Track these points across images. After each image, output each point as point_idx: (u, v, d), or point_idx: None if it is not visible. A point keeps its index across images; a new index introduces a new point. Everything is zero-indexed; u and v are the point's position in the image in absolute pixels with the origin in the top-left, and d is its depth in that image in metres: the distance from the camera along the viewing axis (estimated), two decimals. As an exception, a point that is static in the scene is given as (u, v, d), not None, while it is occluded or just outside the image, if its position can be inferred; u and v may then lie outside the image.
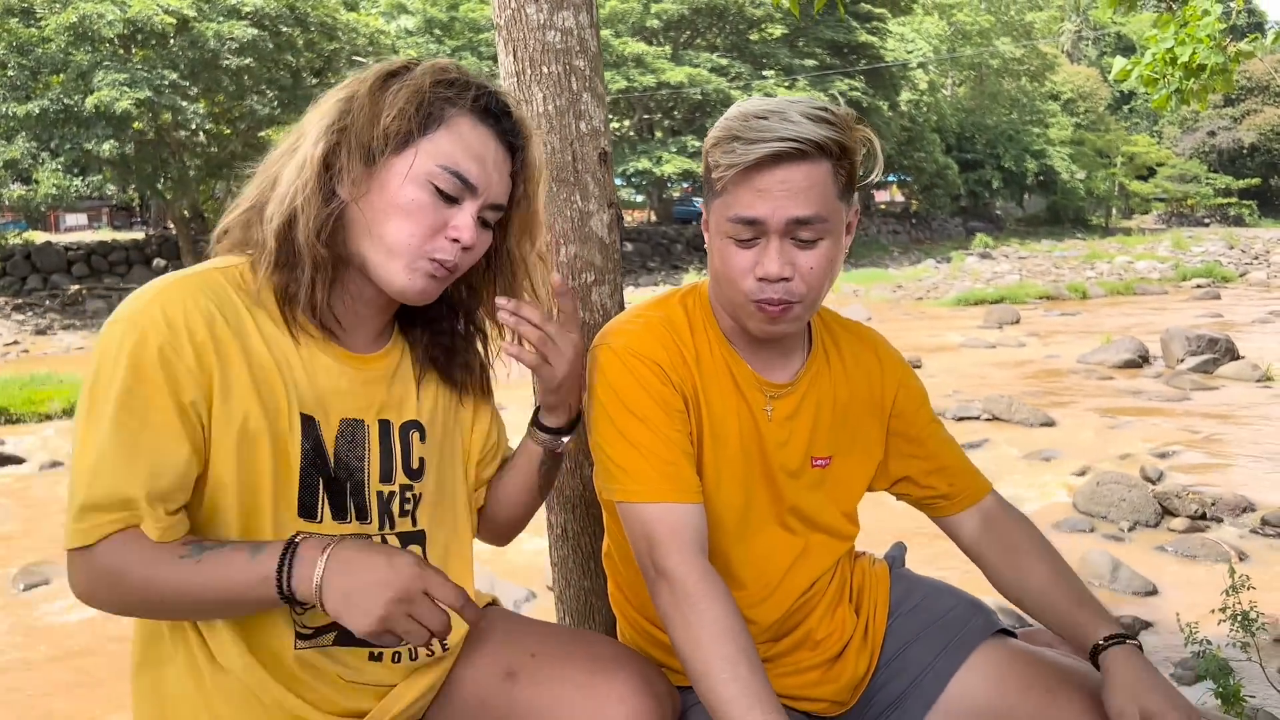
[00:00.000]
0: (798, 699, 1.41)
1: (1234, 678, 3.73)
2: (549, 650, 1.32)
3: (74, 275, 22.36)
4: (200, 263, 1.20)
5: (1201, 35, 5.75)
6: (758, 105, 1.26)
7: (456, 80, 1.19)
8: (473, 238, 1.18)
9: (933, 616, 1.47)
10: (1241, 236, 39.79)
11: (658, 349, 1.33)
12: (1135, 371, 11.98)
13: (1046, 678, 1.34)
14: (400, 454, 1.27)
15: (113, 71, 19.41)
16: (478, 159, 1.18)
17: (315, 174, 1.14)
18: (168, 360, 1.08)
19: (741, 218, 1.24)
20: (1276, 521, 6.24)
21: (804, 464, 1.41)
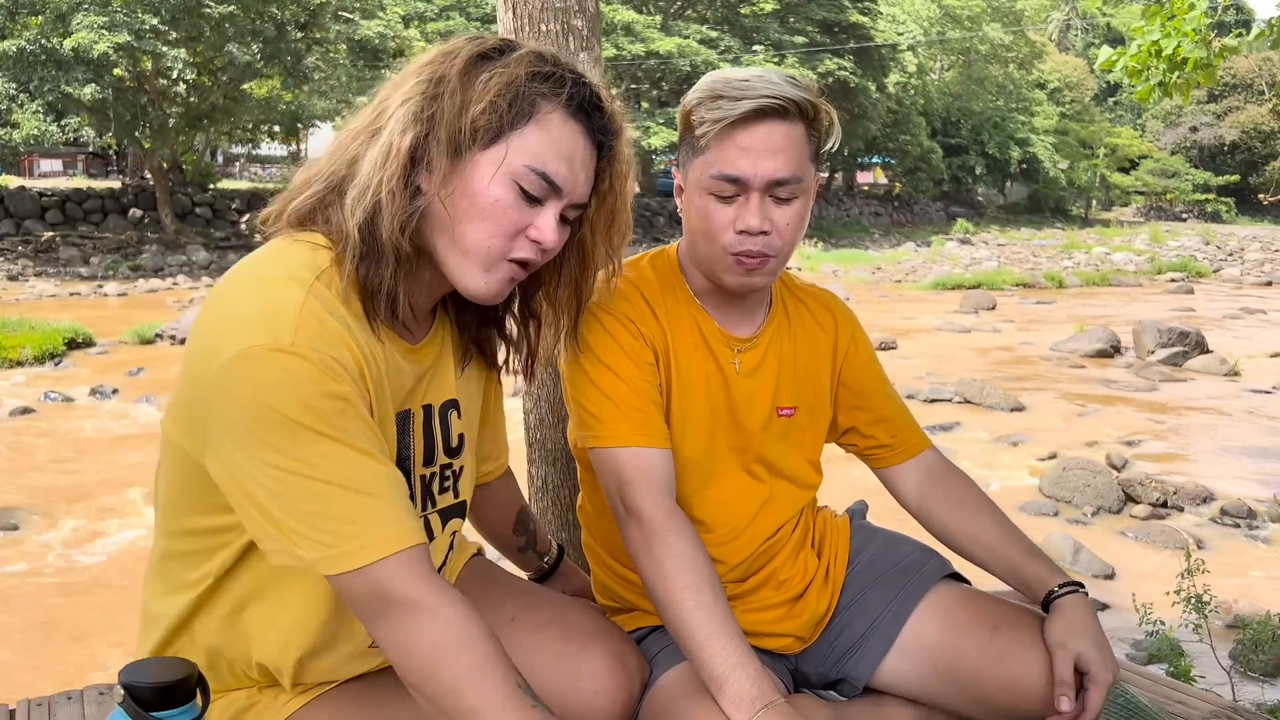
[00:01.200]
0: (762, 635, 1.47)
1: (1185, 659, 3.85)
2: (528, 617, 1.34)
3: (48, 222, 22.02)
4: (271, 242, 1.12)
5: (1187, 29, 5.79)
6: (736, 71, 1.34)
7: (554, 73, 1.11)
8: (555, 241, 1.12)
9: (890, 562, 1.53)
10: (1218, 233, 40.24)
11: (628, 307, 1.39)
12: (1106, 361, 12.15)
13: (993, 616, 1.41)
14: (440, 436, 1.25)
15: (92, 14, 19.04)
16: (566, 159, 1.11)
17: (402, 166, 1.05)
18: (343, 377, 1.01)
19: (725, 175, 1.30)
20: (1235, 512, 6.38)
21: (770, 414, 1.48)
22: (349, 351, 1.03)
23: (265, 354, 0.96)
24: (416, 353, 1.18)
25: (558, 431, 1.80)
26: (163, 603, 1.17)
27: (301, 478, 0.97)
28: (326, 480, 0.98)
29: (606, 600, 1.55)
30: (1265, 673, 4.21)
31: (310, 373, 0.97)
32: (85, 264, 20.28)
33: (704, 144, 1.32)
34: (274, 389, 0.96)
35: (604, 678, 1.29)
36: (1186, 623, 3.77)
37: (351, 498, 0.99)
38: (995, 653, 1.37)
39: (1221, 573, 4.97)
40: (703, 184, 1.33)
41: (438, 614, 0.99)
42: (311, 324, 1.00)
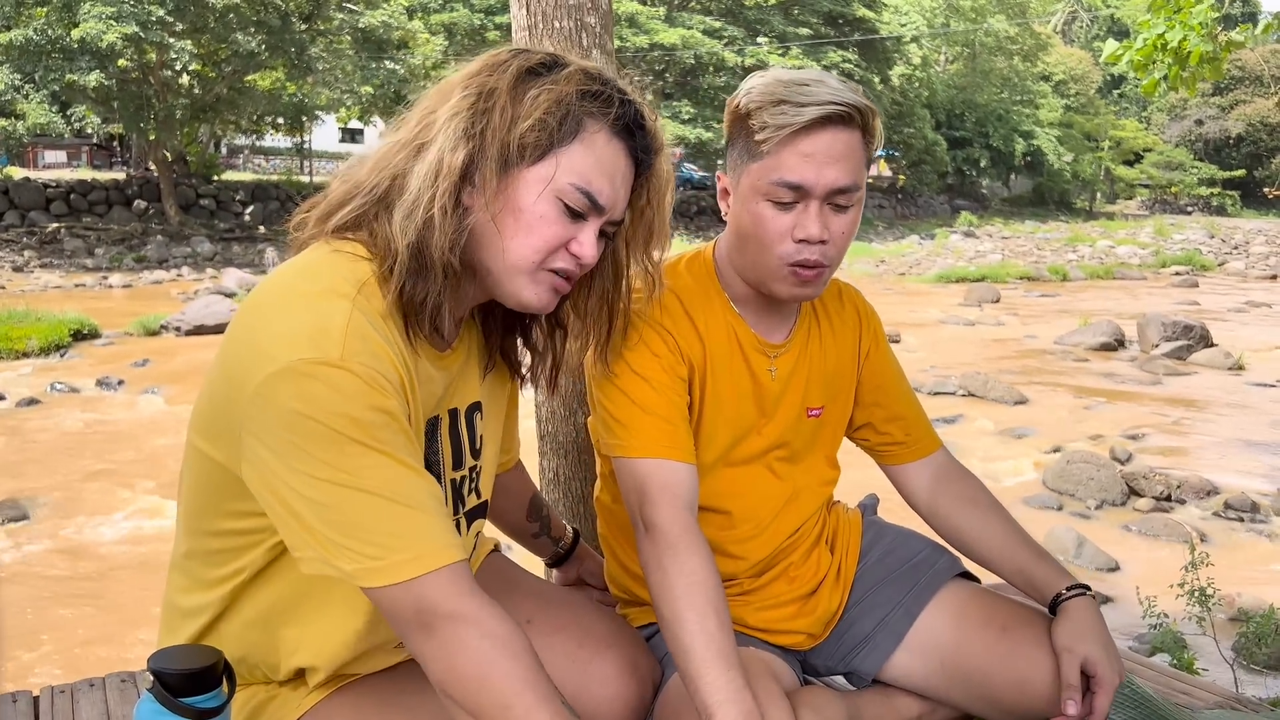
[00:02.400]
0: (774, 632, 1.49)
1: (1188, 651, 3.87)
2: (544, 619, 1.35)
3: (52, 213, 22.04)
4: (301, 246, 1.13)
5: (1194, 23, 5.79)
6: (793, 73, 1.31)
7: (602, 92, 1.12)
8: (594, 256, 1.14)
9: (901, 559, 1.55)
10: (1223, 226, 40.14)
11: (668, 319, 1.37)
12: (1110, 354, 12.14)
13: (1003, 616, 1.43)
14: (467, 438, 1.26)
15: (99, 4, 19.03)
16: (609, 177, 1.12)
17: (453, 184, 1.06)
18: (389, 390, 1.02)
19: (787, 182, 1.28)
20: (1238, 505, 6.39)
21: (800, 415, 1.48)
22: (392, 365, 1.03)
23: (313, 368, 0.97)
24: (445, 359, 1.19)
25: (569, 424, 1.82)
26: (186, 598, 1.18)
27: (346, 489, 0.97)
28: (372, 492, 0.98)
29: (618, 592, 1.57)
30: (1268, 665, 4.22)
31: (358, 387, 0.98)
32: (90, 255, 20.30)
33: (765, 149, 1.29)
34: (322, 402, 0.96)
35: (616, 684, 1.31)
36: (1190, 616, 3.79)
37: (397, 510, 0.99)
38: (1004, 652, 1.39)
39: (1225, 566, 4.98)
40: (760, 189, 1.30)
41: (483, 626, 1.00)
42: (357, 339, 1.00)
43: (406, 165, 1.08)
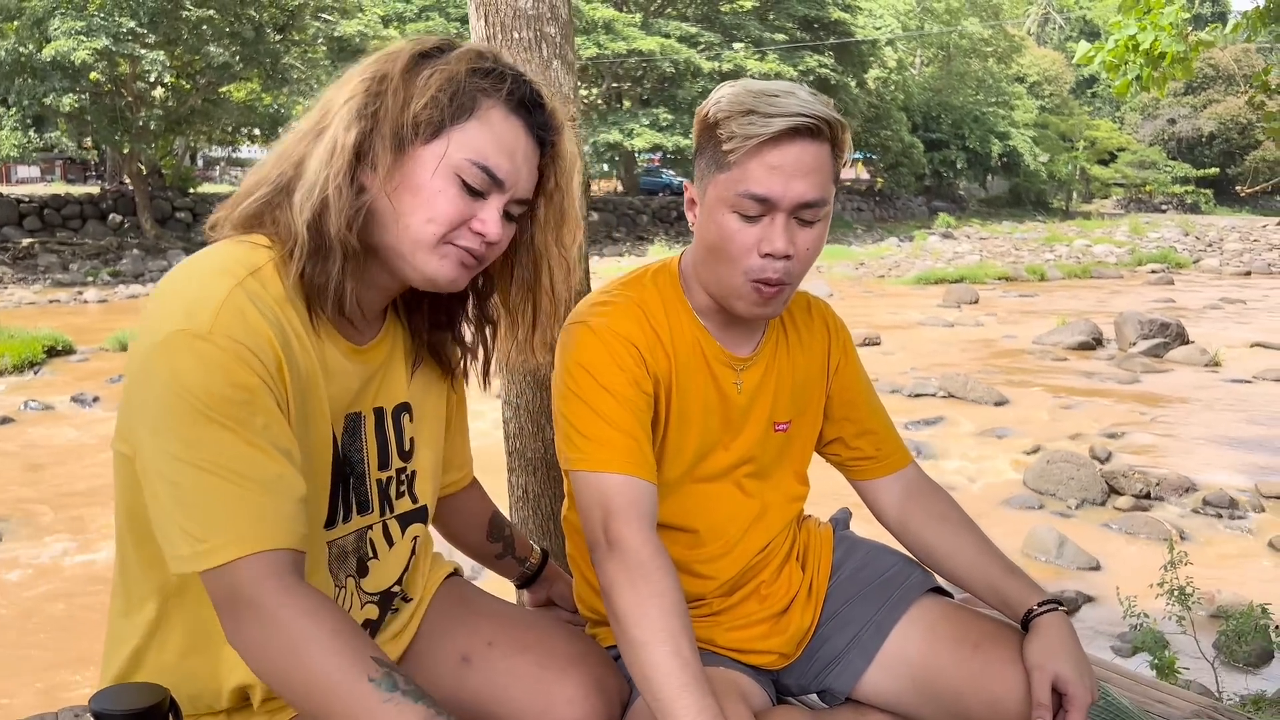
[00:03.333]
0: (746, 652, 1.46)
1: (1169, 650, 3.87)
2: (506, 640, 1.33)
3: (26, 229, 21.80)
4: (211, 244, 1.12)
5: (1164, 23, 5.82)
6: (764, 84, 1.29)
7: (493, 69, 1.13)
8: (498, 233, 1.13)
9: (873, 574, 1.52)
10: (1197, 224, 40.51)
11: (636, 331, 1.35)
12: (1088, 353, 12.22)
13: (975, 633, 1.40)
14: (394, 439, 1.26)
15: (69, 19, 18.86)
16: (508, 153, 1.13)
17: (347, 162, 1.07)
18: (257, 370, 1.01)
19: (753, 194, 1.25)
20: (1217, 502, 6.43)
21: (767, 430, 1.46)
22: (268, 345, 1.03)
23: (183, 340, 0.98)
24: (364, 354, 1.19)
25: (537, 440, 1.79)
26: (124, 623, 1.16)
27: (194, 468, 0.97)
28: (213, 472, 0.97)
29: (587, 613, 1.54)
30: (1249, 663, 4.24)
31: (221, 360, 0.98)
32: (64, 270, 20.09)
33: (731, 160, 1.26)
34: (186, 376, 0.97)
35: (582, 705, 1.28)
36: (1170, 614, 3.80)
37: (230, 490, 0.97)
38: (975, 670, 1.36)
39: (1204, 563, 5.01)
40: (726, 201, 1.28)
41: (285, 614, 0.97)
42: (233, 313, 1.01)
43: (306, 150, 1.10)
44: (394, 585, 1.28)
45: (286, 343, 1.06)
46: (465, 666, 1.32)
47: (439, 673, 1.33)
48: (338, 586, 1.20)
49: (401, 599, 1.34)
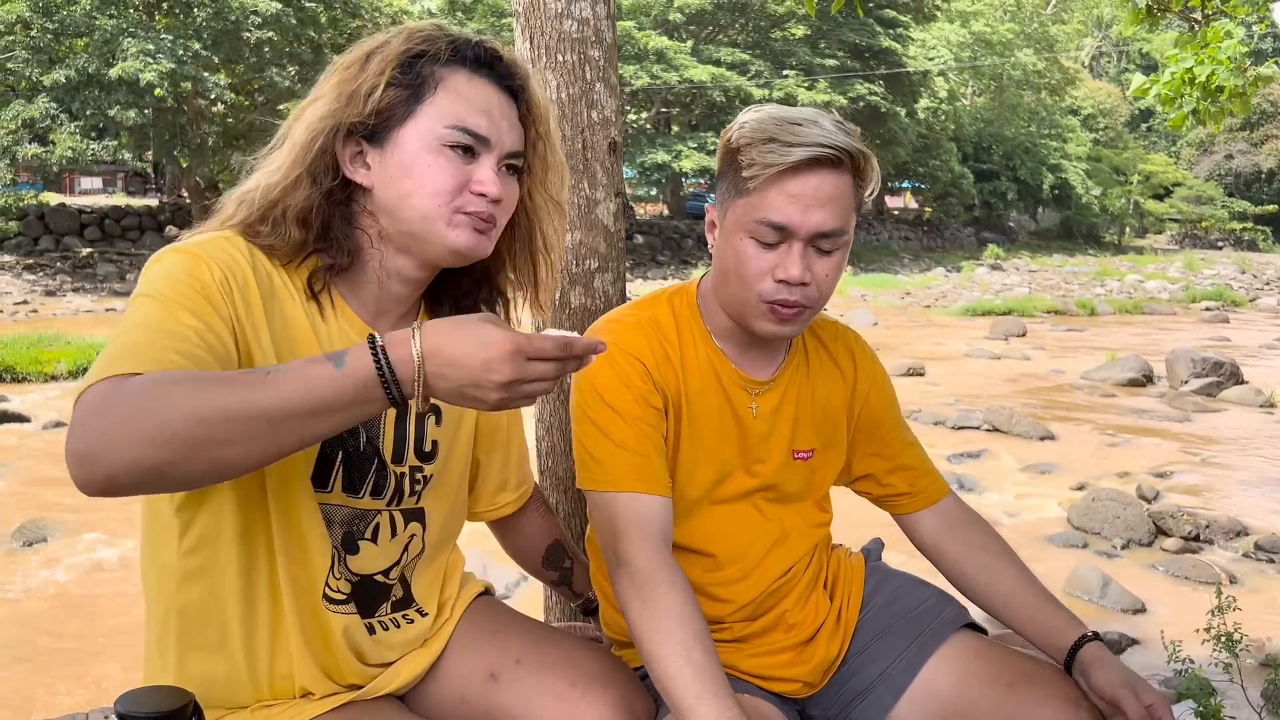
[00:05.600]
0: (770, 679, 1.44)
1: (1215, 698, 3.76)
2: (534, 658, 1.34)
3: (86, 238, 22.41)
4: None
5: (1222, 57, 5.74)
6: (788, 111, 1.30)
7: (431, 35, 1.17)
8: (498, 189, 1.16)
9: (906, 608, 1.50)
10: (1254, 261, 39.65)
11: (643, 348, 1.36)
12: (1138, 390, 11.97)
13: (1010, 671, 1.38)
14: (414, 438, 1.28)
15: (139, 40, 19.45)
16: (483, 111, 1.16)
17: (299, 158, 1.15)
18: (217, 277, 1.08)
19: (771, 222, 1.27)
20: (1269, 547, 6.25)
21: (787, 457, 1.45)
22: (240, 270, 1.11)
23: (167, 253, 1.09)
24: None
25: (569, 459, 1.79)
26: (151, 623, 1.21)
27: (121, 330, 1.01)
28: (130, 327, 1.00)
29: (614, 634, 1.53)
30: (1298, 714, 4.10)
31: (189, 261, 1.08)
32: (121, 280, 20.60)
33: (751, 186, 1.28)
34: (153, 269, 1.07)
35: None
36: (1217, 661, 3.69)
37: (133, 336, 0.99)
38: (1009, 710, 1.34)
39: (1255, 609, 4.87)
40: (744, 226, 1.29)
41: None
42: (217, 246, 1.11)
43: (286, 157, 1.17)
44: (378, 574, 1.29)
45: (265, 286, 1.14)
46: (493, 683, 1.32)
47: (467, 688, 1.34)
48: (332, 545, 1.22)
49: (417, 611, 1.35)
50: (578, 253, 1.74)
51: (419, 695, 1.35)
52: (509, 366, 0.94)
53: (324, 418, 0.93)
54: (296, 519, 1.17)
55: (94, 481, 0.90)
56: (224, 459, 0.91)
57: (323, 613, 1.22)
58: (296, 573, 1.18)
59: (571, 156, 1.69)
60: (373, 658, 1.29)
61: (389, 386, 0.93)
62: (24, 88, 19.96)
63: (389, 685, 1.29)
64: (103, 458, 0.88)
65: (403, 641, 1.32)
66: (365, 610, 1.28)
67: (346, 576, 1.25)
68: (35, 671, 4.27)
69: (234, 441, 0.90)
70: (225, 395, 0.89)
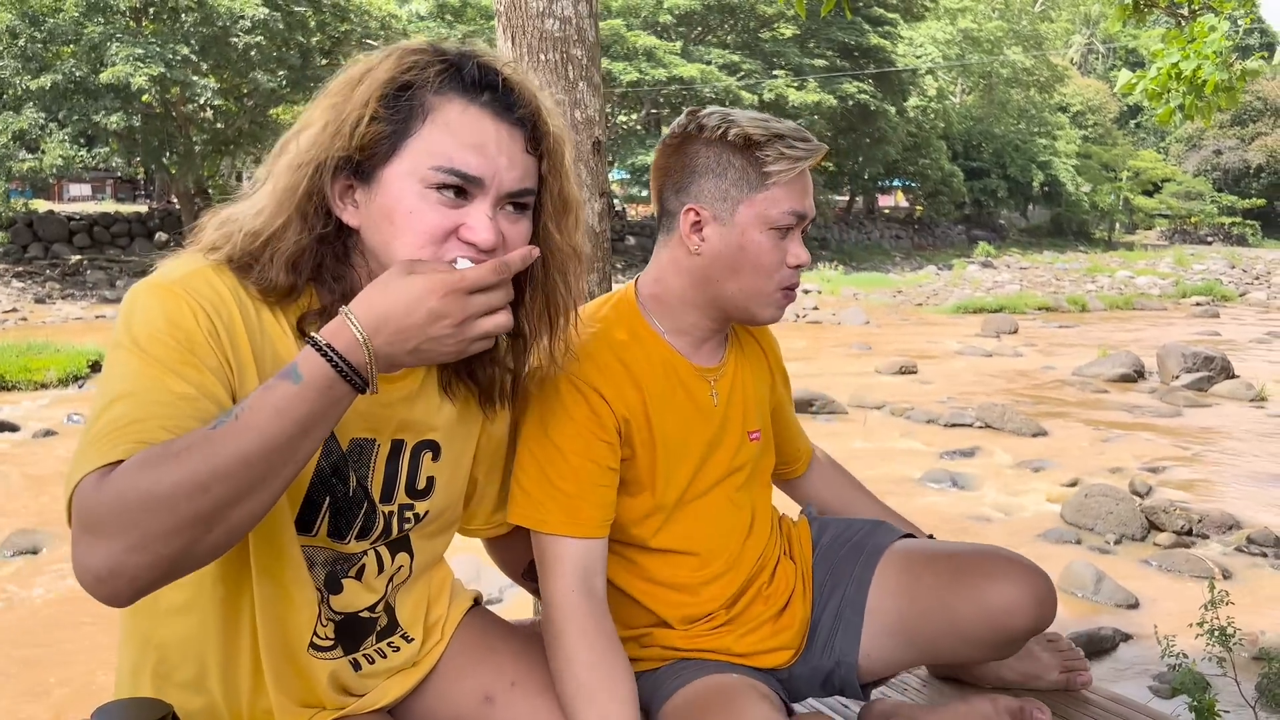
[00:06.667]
0: (757, 654, 1.49)
1: (1209, 692, 3.76)
2: (529, 681, 1.31)
3: (75, 245, 22.35)
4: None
5: (1208, 52, 5.76)
6: (755, 113, 1.39)
7: (420, 60, 1.04)
8: (491, 237, 1.02)
9: (845, 539, 1.61)
10: (1244, 256, 39.82)
11: (595, 373, 1.36)
12: (1130, 386, 12.01)
13: (948, 552, 1.55)
14: (406, 474, 1.22)
15: (126, 45, 19.41)
16: (476, 147, 1.03)
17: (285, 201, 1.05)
18: (203, 323, 1.01)
19: (796, 211, 1.36)
20: (1261, 540, 6.27)
21: (743, 439, 1.51)
22: (225, 308, 1.04)
23: (146, 288, 1.02)
24: (384, 384, 1.14)
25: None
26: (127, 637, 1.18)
27: (104, 395, 0.96)
28: (116, 395, 0.95)
29: None
30: (1292, 707, 4.11)
31: (171, 304, 1.00)
32: (111, 287, 20.54)
33: (774, 181, 1.35)
34: (135, 313, 1.00)
35: None
36: (1210, 655, 3.70)
37: (116, 406, 0.94)
38: (953, 574, 1.47)
39: (1247, 603, 4.87)
40: (768, 219, 1.35)
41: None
42: (202, 281, 1.03)
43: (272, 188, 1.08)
44: (363, 610, 1.24)
45: (254, 325, 1.06)
46: (488, 706, 1.31)
47: (461, 710, 1.31)
48: (315, 588, 1.18)
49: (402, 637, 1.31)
50: (563, 253, 1.73)
51: (411, 715, 1.33)
52: (452, 306, 0.91)
53: (309, 433, 0.91)
54: (279, 572, 1.13)
55: (123, 596, 0.89)
56: (238, 517, 0.90)
57: (307, 659, 1.18)
58: (277, 622, 1.14)
59: (556, 157, 1.68)
60: (358, 689, 1.26)
61: (350, 378, 0.91)
62: (12, 97, 19.91)
63: (376, 704, 1.27)
64: (123, 571, 0.87)
65: (388, 669, 1.29)
66: (350, 647, 1.24)
67: (330, 616, 1.21)
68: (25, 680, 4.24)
69: (240, 496, 0.89)
70: (213, 457, 0.87)
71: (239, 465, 0.87)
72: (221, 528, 0.90)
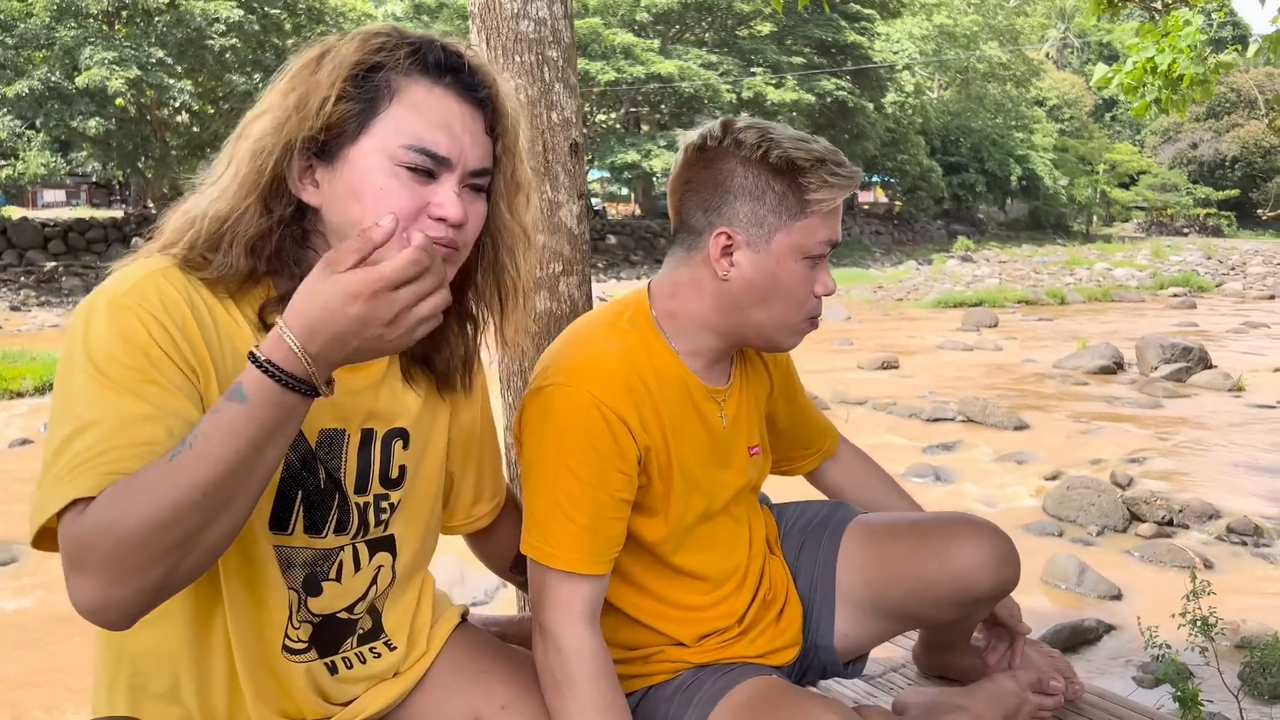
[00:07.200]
0: (768, 654, 1.49)
1: (1192, 682, 3.79)
2: (521, 706, 1.29)
3: (50, 252, 22.10)
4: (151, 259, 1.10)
5: (1182, 45, 5.80)
6: (791, 130, 1.31)
7: (388, 41, 1.06)
8: (460, 212, 1.05)
9: (805, 522, 1.62)
10: (1219, 247, 40.21)
11: (624, 400, 1.29)
12: (1109, 378, 12.09)
13: (905, 519, 1.58)
14: (379, 464, 1.22)
15: (100, 49, 19.22)
16: (443, 126, 1.05)
17: (250, 183, 1.06)
18: (158, 335, 1.00)
19: (832, 240, 1.31)
20: (1241, 529, 6.32)
21: (745, 456, 1.48)
22: (179, 314, 1.03)
23: (98, 302, 1.02)
24: (345, 371, 1.14)
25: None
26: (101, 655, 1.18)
27: (61, 423, 0.96)
28: (75, 423, 0.95)
29: None
30: (1274, 695, 4.14)
31: (121, 319, 0.99)
32: (87, 293, 20.29)
33: (817, 208, 1.28)
34: (89, 331, 1.00)
35: None
36: (1193, 645, 3.72)
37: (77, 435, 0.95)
38: (917, 539, 1.50)
39: (1228, 592, 4.91)
40: (804, 248, 1.29)
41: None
42: (151, 287, 1.03)
43: (228, 173, 1.08)
44: (340, 612, 1.23)
45: (209, 325, 1.06)
46: None
47: None
48: (290, 589, 1.17)
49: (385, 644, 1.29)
50: (542, 257, 1.72)
51: None
52: (378, 307, 0.90)
53: (265, 447, 0.92)
54: (249, 572, 1.12)
55: (120, 624, 0.94)
56: (214, 537, 0.93)
57: (282, 664, 1.17)
58: (249, 627, 1.13)
59: (532, 159, 1.66)
60: (337, 696, 1.25)
61: (296, 387, 0.91)
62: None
63: (359, 715, 1.25)
64: (111, 604, 0.91)
65: (368, 676, 1.28)
66: (327, 649, 1.23)
67: (308, 619, 1.20)
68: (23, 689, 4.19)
69: (210, 519, 0.91)
70: (175, 489, 0.89)
71: (201, 494, 0.89)
72: (199, 550, 0.92)
